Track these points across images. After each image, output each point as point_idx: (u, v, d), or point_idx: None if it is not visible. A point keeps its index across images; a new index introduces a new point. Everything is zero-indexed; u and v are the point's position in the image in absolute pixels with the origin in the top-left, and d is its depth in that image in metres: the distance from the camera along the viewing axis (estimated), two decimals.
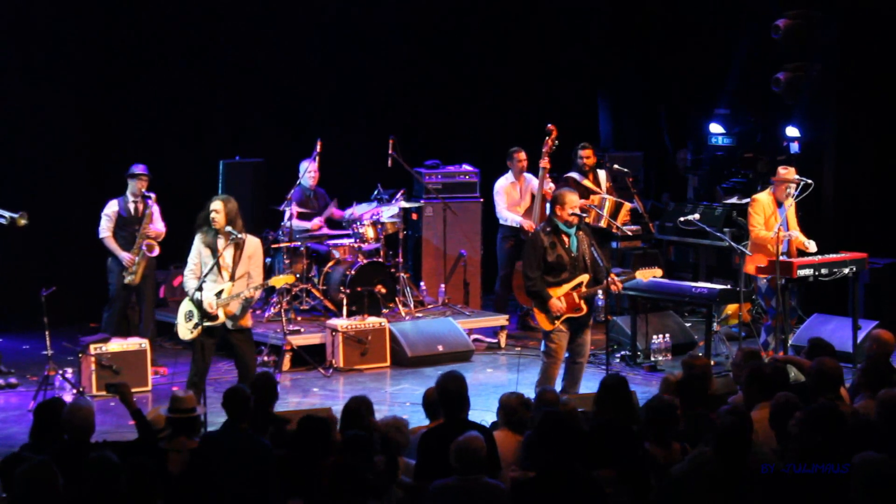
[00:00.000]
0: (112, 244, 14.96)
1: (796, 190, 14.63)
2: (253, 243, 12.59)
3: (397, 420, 9.22)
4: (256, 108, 19.00)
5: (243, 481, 8.53)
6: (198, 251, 12.44)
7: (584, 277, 12.48)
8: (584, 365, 12.81)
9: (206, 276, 12.25)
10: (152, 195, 14.99)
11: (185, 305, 12.57)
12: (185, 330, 12.51)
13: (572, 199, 12.44)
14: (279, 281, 13.75)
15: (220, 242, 12.39)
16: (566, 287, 12.40)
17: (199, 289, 12.20)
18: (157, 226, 15.11)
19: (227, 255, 12.40)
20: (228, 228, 12.34)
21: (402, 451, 9.02)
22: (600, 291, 13.09)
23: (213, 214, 12.33)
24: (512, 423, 9.61)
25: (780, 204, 14.60)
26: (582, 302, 12.47)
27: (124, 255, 14.91)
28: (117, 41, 17.92)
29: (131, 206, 15.03)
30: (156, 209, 15.09)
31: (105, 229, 14.98)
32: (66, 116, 17.71)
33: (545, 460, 7.90)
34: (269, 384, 10.00)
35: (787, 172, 14.64)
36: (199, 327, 12.35)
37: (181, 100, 18.28)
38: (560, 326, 12.46)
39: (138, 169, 15.04)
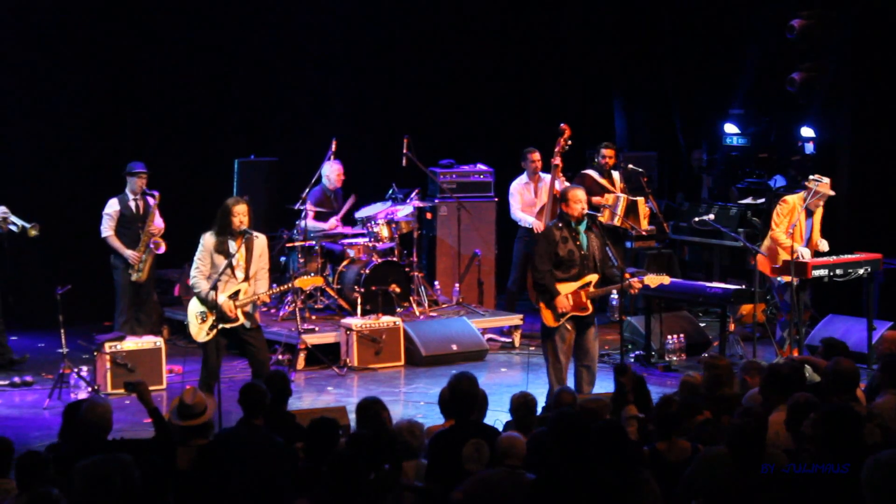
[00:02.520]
0: (116, 242, 15.04)
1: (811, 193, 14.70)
2: (261, 240, 12.65)
3: (411, 423, 9.24)
4: (271, 108, 19.07)
5: (256, 477, 8.56)
6: (208, 253, 12.42)
7: (594, 277, 12.53)
8: (594, 369, 12.75)
9: (218, 277, 12.28)
10: (156, 193, 15.03)
11: (196, 307, 12.53)
12: (201, 332, 12.48)
13: (576, 195, 12.53)
14: (306, 282, 13.82)
15: (232, 244, 12.43)
16: (575, 284, 12.46)
17: (214, 288, 12.22)
18: (158, 222, 15.16)
19: (240, 256, 12.42)
20: (244, 228, 12.40)
21: (416, 455, 9.05)
22: (615, 291, 13.13)
23: (240, 218, 12.35)
24: (518, 424, 9.66)
25: (808, 212, 14.62)
26: (588, 301, 12.52)
27: (129, 253, 15.00)
28: (132, 41, 17.96)
29: (132, 204, 15.11)
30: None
31: (108, 228, 15.05)
32: (83, 117, 17.76)
33: (559, 460, 7.91)
34: (283, 382, 10.05)
35: (825, 187, 14.60)
36: (216, 329, 12.39)
37: (196, 99, 18.33)
38: (566, 325, 12.52)
39: (138, 167, 15.11)
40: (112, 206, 15.07)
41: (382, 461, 8.40)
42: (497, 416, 10.75)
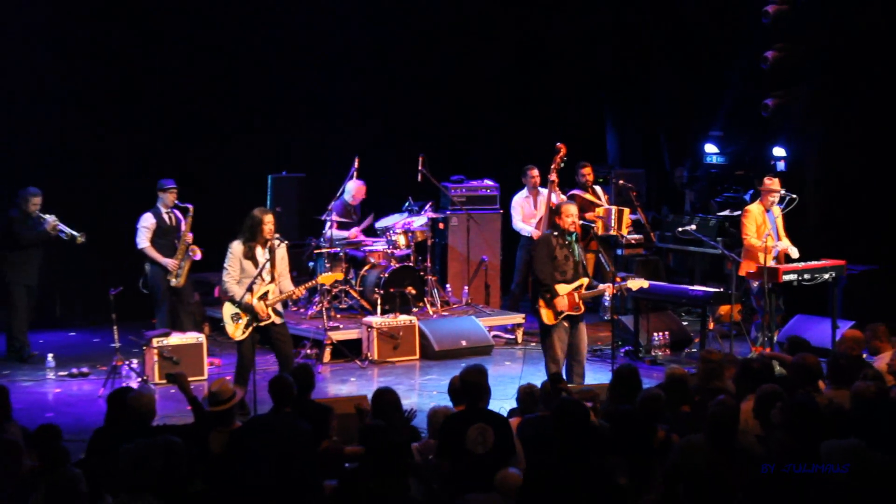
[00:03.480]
0: (153, 252, 15.03)
1: (781, 202, 14.76)
2: (283, 245, 12.67)
3: (447, 409, 9.31)
4: (300, 129, 19.10)
5: (283, 460, 8.59)
6: (237, 260, 12.41)
7: (584, 281, 12.68)
8: (583, 363, 12.85)
9: (253, 281, 12.28)
10: (189, 206, 15.07)
11: (230, 308, 12.51)
12: (238, 330, 12.48)
13: (567, 210, 12.67)
14: (329, 278, 13.86)
15: (258, 251, 12.43)
16: (570, 287, 12.55)
17: (250, 290, 12.23)
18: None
19: (266, 259, 12.42)
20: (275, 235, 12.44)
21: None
22: (607, 294, 13.14)
23: (269, 227, 12.36)
24: (524, 412, 9.66)
25: (768, 211, 14.72)
26: (580, 302, 12.64)
27: (168, 261, 15.00)
28: (177, 70, 18.01)
29: (165, 217, 15.13)
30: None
31: (144, 239, 15.04)
32: (134, 137, 17.79)
33: (559, 449, 7.88)
34: (307, 375, 10.07)
35: (771, 183, 14.88)
36: (251, 327, 12.40)
37: (234, 121, 18.39)
38: (563, 323, 12.59)
39: (169, 183, 15.16)
40: (148, 220, 15.07)
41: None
42: (501, 404, 10.76)
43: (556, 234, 12.65)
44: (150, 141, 17.87)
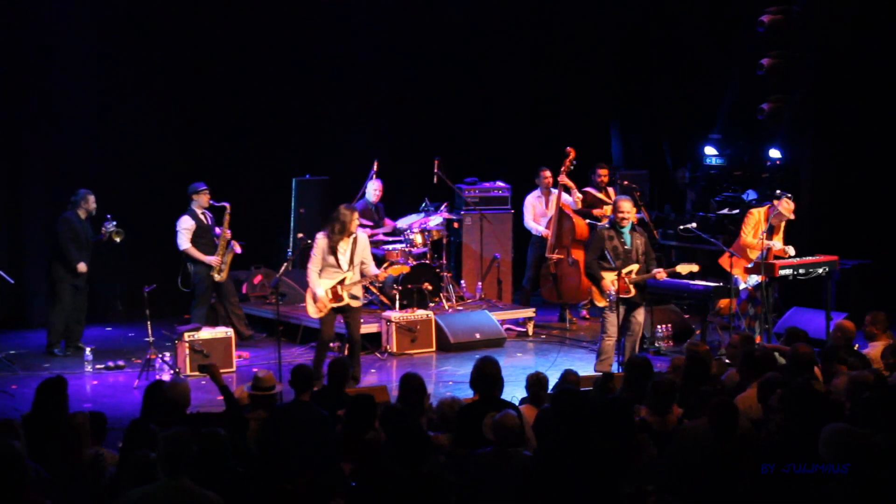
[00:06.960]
0: (196, 252, 15.11)
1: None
2: (363, 237, 13.30)
3: (455, 400, 9.29)
4: (323, 134, 19.11)
5: (305, 444, 8.61)
6: (322, 253, 13.00)
7: (635, 267, 13.23)
8: (637, 341, 13.40)
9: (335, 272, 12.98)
10: (226, 204, 15.16)
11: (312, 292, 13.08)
12: (314, 310, 13.13)
13: (619, 206, 13.31)
14: (396, 270, 14.32)
15: (342, 243, 12.99)
16: (613, 274, 13.03)
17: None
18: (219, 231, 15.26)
19: (347, 250, 13.00)
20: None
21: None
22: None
23: (356, 223, 13.10)
24: (532, 399, 9.67)
25: (768, 222, 14.67)
26: (631, 286, 13.19)
27: (211, 259, 15.07)
28: (208, 80, 17.99)
29: (202, 217, 15.18)
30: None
31: (186, 241, 15.12)
32: (167, 141, 17.78)
33: (560, 433, 7.89)
34: (343, 368, 10.10)
35: (786, 207, 14.61)
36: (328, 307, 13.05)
37: (260, 128, 18.39)
38: (614, 305, 13.13)
39: (200, 186, 15.28)
40: (187, 222, 15.13)
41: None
42: (513, 392, 10.76)
43: (608, 227, 13.30)
44: (181, 146, 17.86)
